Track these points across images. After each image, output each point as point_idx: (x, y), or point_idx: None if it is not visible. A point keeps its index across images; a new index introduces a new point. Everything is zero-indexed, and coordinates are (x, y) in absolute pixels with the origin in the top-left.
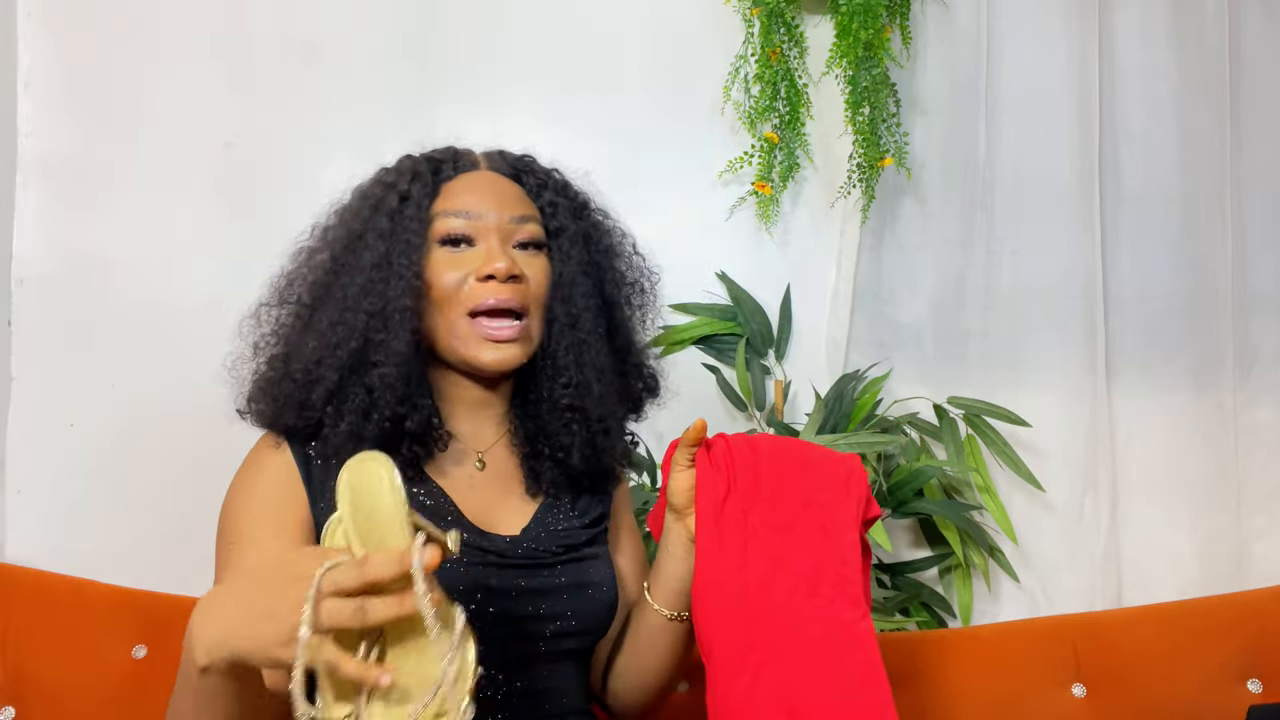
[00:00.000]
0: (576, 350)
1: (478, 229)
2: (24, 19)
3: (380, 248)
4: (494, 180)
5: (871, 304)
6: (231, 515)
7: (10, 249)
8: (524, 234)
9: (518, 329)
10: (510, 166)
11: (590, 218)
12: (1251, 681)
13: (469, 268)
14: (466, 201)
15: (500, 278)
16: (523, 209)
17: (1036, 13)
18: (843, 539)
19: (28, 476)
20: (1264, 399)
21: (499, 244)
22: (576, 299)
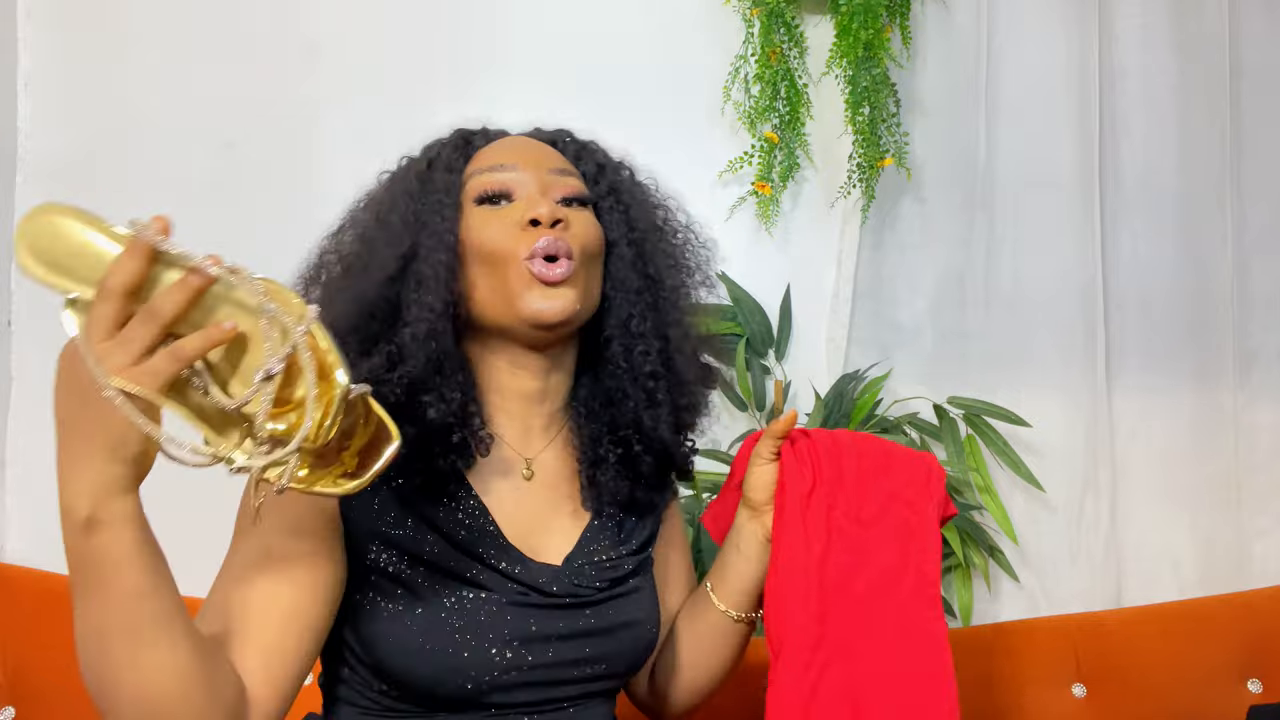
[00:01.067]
0: (658, 311)
1: (515, 182)
2: (24, 19)
3: (409, 207)
4: (529, 141)
5: (871, 304)
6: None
7: (10, 249)
8: (566, 187)
9: (568, 267)
10: (548, 136)
11: (640, 182)
12: (1251, 681)
13: (511, 219)
14: (501, 156)
15: (545, 222)
16: (562, 163)
17: (1036, 13)
18: (925, 537)
19: (28, 476)
20: (1264, 399)
21: (540, 195)
22: (650, 256)
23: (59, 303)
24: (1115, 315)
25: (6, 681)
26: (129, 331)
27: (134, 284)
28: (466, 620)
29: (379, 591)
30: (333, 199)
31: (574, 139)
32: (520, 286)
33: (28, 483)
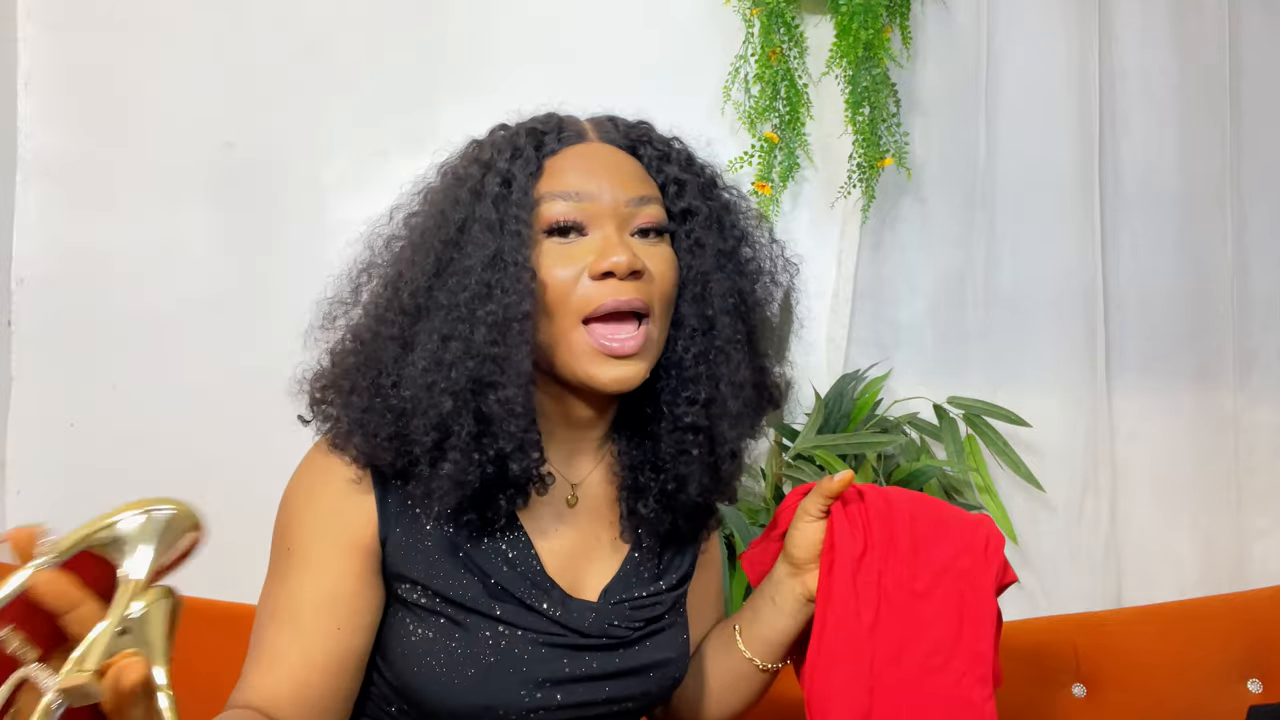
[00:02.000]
0: (710, 360)
1: (589, 213)
2: (24, 19)
3: (489, 243)
4: (606, 153)
5: (871, 304)
6: (293, 519)
7: (10, 249)
8: (644, 218)
9: (640, 339)
10: (624, 136)
11: (720, 196)
12: (1251, 681)
13: (582, 262)
14: (574, 180)
15: (620, 274)
16: (642, 188)
17: (1036, 13)
18: (981, 611)
19: (28, 476)
20: (1264, 399)
21: (615, 231)
22: (712, 297)
23: (59, 303)
24: (1115, 315)
25: None
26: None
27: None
28: (499, 658)
29: (412, 617)
30: (333, 199)
31: (654, 143)
32: (583, 352)
33: (28, 483)
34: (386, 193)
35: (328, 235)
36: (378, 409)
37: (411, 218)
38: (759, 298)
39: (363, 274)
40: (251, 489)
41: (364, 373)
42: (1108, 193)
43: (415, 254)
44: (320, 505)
